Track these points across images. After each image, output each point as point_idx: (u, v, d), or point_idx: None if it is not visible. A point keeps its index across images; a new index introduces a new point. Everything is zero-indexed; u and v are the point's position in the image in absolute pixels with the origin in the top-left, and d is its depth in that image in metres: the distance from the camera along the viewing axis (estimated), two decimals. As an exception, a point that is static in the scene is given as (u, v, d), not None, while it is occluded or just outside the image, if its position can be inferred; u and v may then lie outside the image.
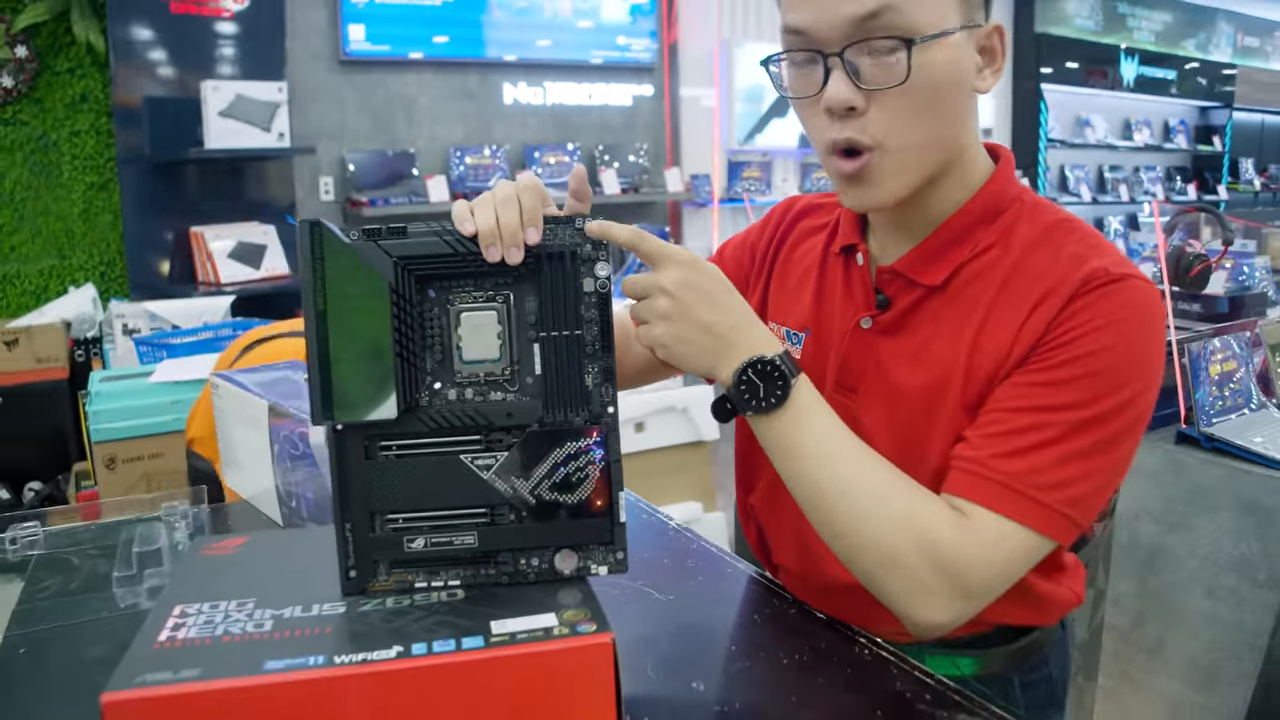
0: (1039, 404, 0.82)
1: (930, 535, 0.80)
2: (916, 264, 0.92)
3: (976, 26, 0.86)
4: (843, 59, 0.82)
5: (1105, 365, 0.81)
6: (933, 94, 0.84)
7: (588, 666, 0.66)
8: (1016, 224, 0.91)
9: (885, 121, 0.84)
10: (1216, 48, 8.91)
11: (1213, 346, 2.14)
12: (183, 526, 1.18)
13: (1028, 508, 0.80)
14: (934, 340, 0.91)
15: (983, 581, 0.80)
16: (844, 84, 0.83)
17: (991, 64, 0.89)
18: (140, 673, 0.63)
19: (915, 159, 0.86)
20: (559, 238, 0.76)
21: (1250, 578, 1.92)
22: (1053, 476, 0.80)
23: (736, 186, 5.88)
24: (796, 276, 1.06)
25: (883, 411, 0.93)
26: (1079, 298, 0.83)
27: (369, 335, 0.72)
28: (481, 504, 0.74)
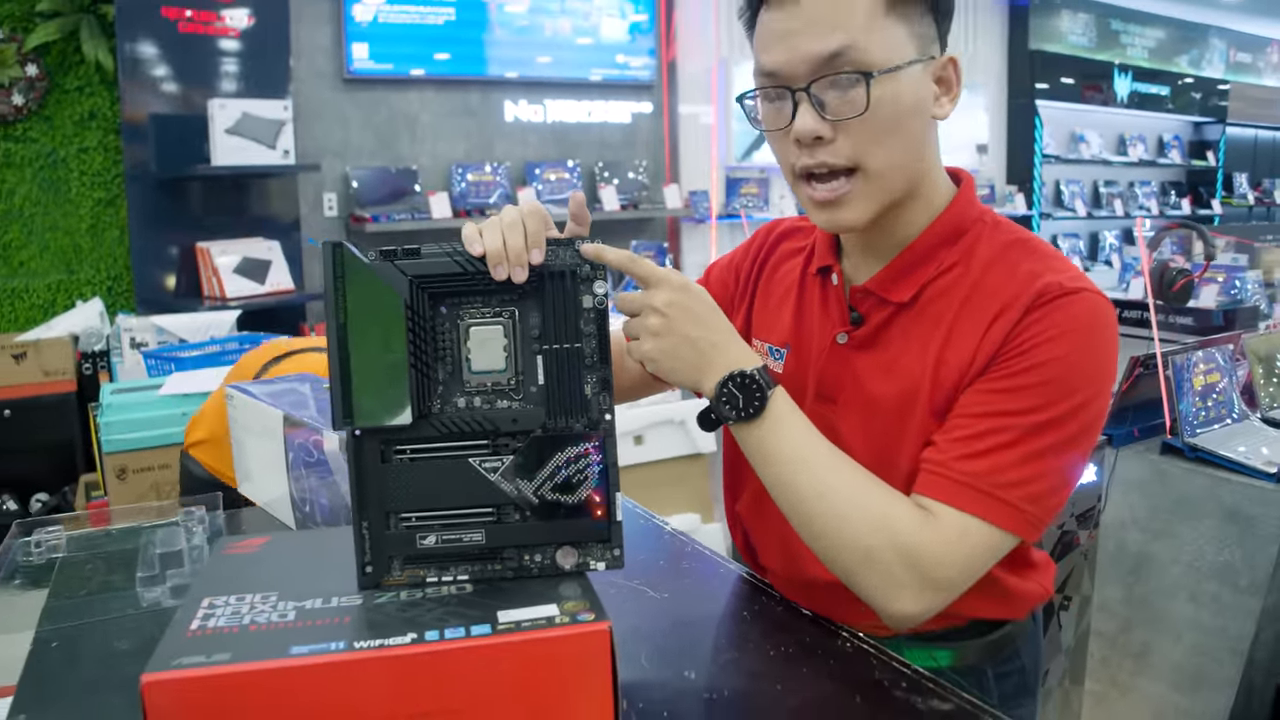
0: (998, 409, 0.89)
1: (900, 533, 0.87)
2: (886, 283, 0.99)
3: (930, 59, 0.94)
4: (809, 93, 0.90)
5: (1059, 373, 0.88)
6: (893, 122, 0.91)
7: (587, 652, 0.72)
8: (977, 244, 0.98)
9: (852, 147, 0.91)
10: (1209, 64, 9.00)
11: (1196, 359, 2.20)
12: (200, 531, 1.24)
13: (988, 504, 0.87)
14: (903, 354, 0.98)
15: (949, 575, 0.87)
16: (810, 116, 0.90)
17: (948, 93, 0.97)
18: (175, 656, 0.69)
19: (882, 182, 0.93)
20: (560, 258, 0.82)
21: (1232, 584, 1.97)
22: (1012, 475, 0.87)
23: (734, 203, 5.95)
24: (778, 296, 1.13)
25: (858, 421, 1.00)
26: (1034, 310, 0.90)
27: (386, 347, 0.78)
28: (489, 504, 0.80)
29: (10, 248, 4.13)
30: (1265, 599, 1.92)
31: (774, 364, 1.10)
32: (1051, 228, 7.81)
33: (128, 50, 3.97)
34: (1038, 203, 7.48)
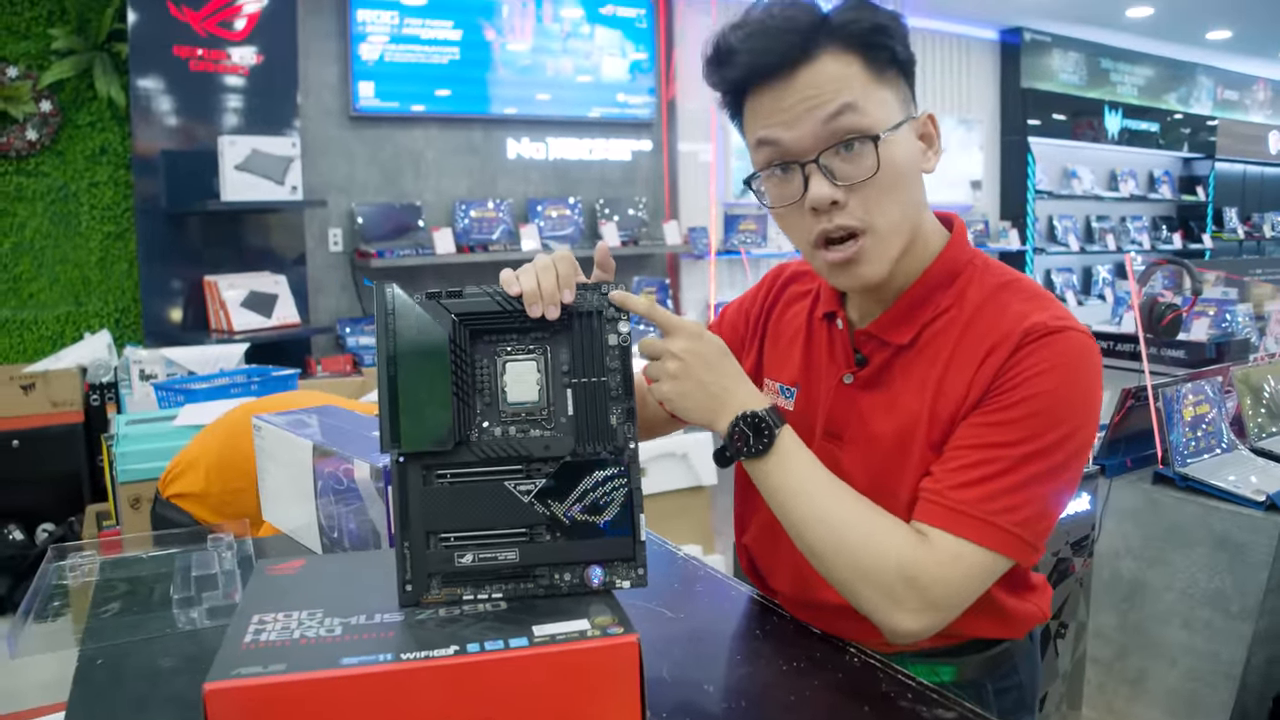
0: (990, 441, 0.95)
1: (897, 554, 0.93)
2: (887, 326, 1.06)
3: (914, 118, 1.02)
4: (819, 164, 0.97)
5: (1046, 405, 0.95)
6: (897, 179, 0.98)
7: (617, 663, 0.77)
8: (969, 286, 1.05)
9: (865, 209, 0.98)
10: (1197, 101, 9.16)
11: (1185, 391, 2.26)
12: (230, 556, 1.29)
13: (981, 529, 0.93)
14: (903, 392, 1.05)
15: (945, 594, 0.93)
16: (825, 184, 0.97)
17: (931, 147, 1.04)
18: (234, 667, 0.74)
19: (895, 238, 1.00)
20: (588, 301, 0.90)
21: (1224, 610, 2.03)
22: (1003, 502, 0.93)
23: (733, 239, 6.04)
24: (787, 337, 1.20)
25: (861, 456, 1.07)
26: (1022, 348, 0.97)
27: (431, 379, 0.84)
28: (522, 524, 0.86)
29: (20, 280, 4.19)
30: (1256, 624, 1.97)
31: (785, 402, 1.17)
32: (1045, 262, 7.91)
33: (140, 87, 4.05)
34: (1031, 238, 7.58)
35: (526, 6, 5.22)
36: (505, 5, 5.16)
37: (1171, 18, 7.23)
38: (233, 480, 1.69)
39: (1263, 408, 2.46)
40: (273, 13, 4.30)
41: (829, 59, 0.96)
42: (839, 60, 0.96)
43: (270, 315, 4.19)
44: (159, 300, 4.23)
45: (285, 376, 2.77)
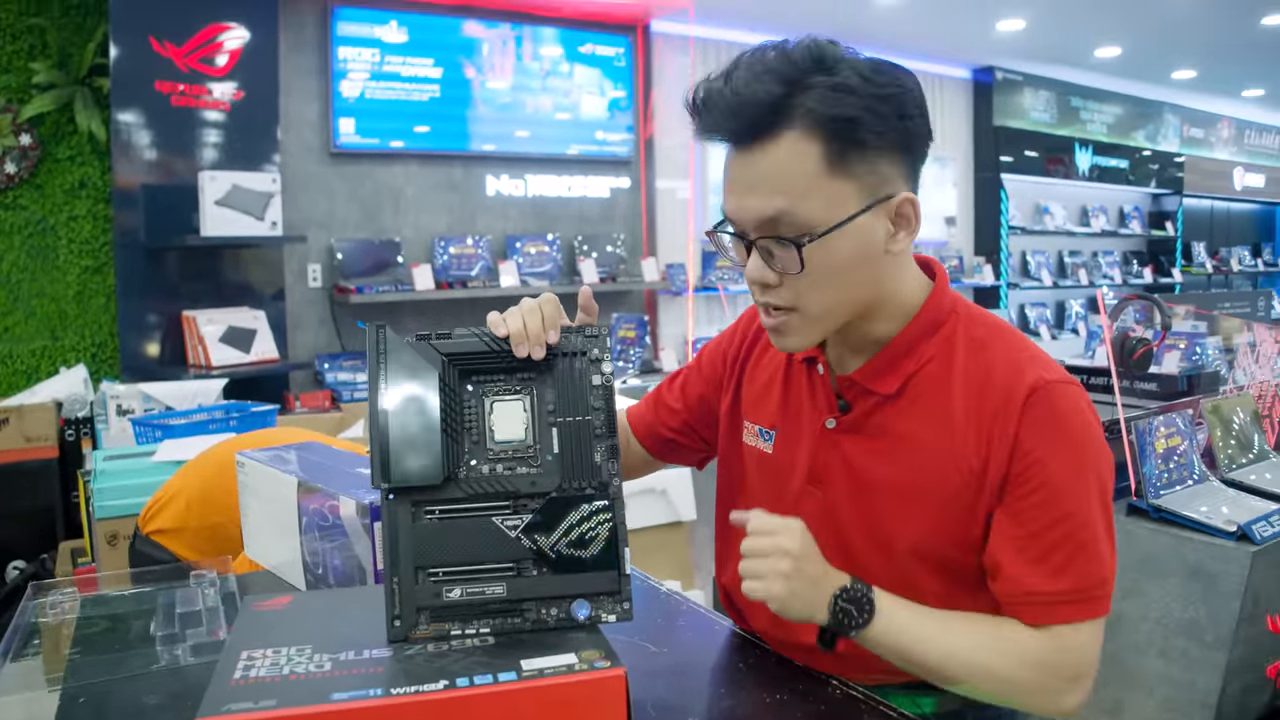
0: (1047, 523, 0.99)
1: (1026, 655, 0.99)
2: (871, 376, 1.08)
3: (886, 199, 0.98)
4: (757, 245, 0.99)
5: (1075, 466, 1.00)
6: (830, 274, 0.98)
7: (605, 695, 0.78)
8: (954, 335, 1.07)
9: (793, 295, 1.01)
10: (1165, 138, 9.35)
11: (1157, 423, 2.30)
12: (213, 592, 1.29)
13: (1084, 608, 1.00)
14: (895, 443, 1.06)
15: (1083, 668, 1.01)
16: (758, 265, 1.00)
17: (905, 228, 1.01)
18: (225, 703, 0.75)
19: (822, 321, 1.03)
20: (572, 343, 0.94)
21: (1199, 639, 2.05)
22: (1089, 578, 0.99)
23: (710, 275, 6.08)
24: (764, 379, 1.21)
25: (849, 502, 1.09)
26: (1029, 408, 1.00)
27: (421, 417, 0.86)
28: (510, 559, 0.87)
29: (-4, 314, 4.16)
30: (1230, 653, 1.99)
31: (763, 445, 1.18)
32: (1019, 297, 8.01)
33: (120, 122, 4.06)
34: (1005, 273, 7.68)
35: (506, 45, 5.28)
36: (485, 43, 5.21)
37: (1139, 58, 7.40)
38: (212, 515, 1.69)
39: (1233, 439, 2.51)
40: (254, 49, 4.33)
41: (789, 141, 0.94)
42: (798, 144, 0.94)
43: (249, 351, 4.18)
44: (137, 335, 4.21)
45: (264, 412, 2.76)
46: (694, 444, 1.33)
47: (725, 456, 1.27)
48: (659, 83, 5.83)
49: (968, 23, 6.24)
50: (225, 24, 4.24)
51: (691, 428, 1.31)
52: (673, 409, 1.33)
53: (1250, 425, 2.59)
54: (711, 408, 1.29)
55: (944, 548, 1.04)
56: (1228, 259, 9.98)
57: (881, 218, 0.99)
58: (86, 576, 2.42)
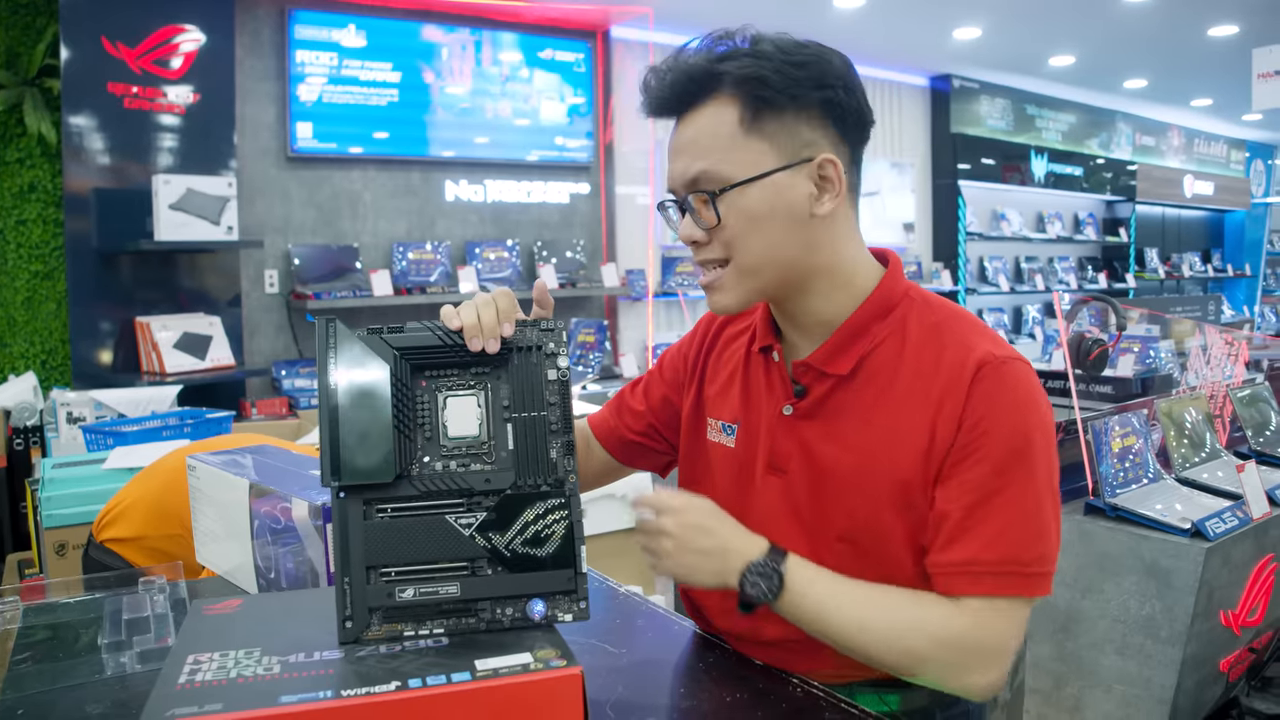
0: (985, 494, 0.99)
1: (942, 634, 0.97)
2: (825, 358, 1.08)
3: (804, 162, 1.03)
4: (687, 205, 1.05)
5: (1020, 443, 0.99)
6: (749, 225, 1.03)
7: (561, 695, 0.77)
8: (908, 318, 1.08)
9: (722, 248, 1.05)
10: (1118, 146, 9.51)
11: (1113, 423, 2.32)
12: (162, 599, 1.25)
13: (1012, 583, 0.98)
14: (850, 424, 1.06)
15: (998, 647, 0.98)
16: (688, 223, 1.06)
17: (829, 190, 1.05)
18: (168, 708, 0.72)
19: (751, 276, 1.05)
20: (527, 336, 0.92)
21: (1155, 635, 2.07)
22: (1022, 554, 0.98)
23: (670, 281, 6.08)
24: (725, 376, 1.22)
25: (807, 488, 1.09)
26: (976, 386, 1.00)
27: (372, 413, 0.84)
28: (464, 558, 0.86)
29: (-60, 322, 4.06)
30: (1185, 649, 2.02)
31: (726, 440, 1.18)
32: (977, 302, 8.10)
33: (72, 124, 3.98)
34: (963, 278, 7.76)
35: (466, 50, 5.26)
36: (444, 48, 5.18)
37: (1092, 67, 7.53)
38: (169, 526, 1.65)
39: (1186, 439, 2.54)
40: (210, 52, 4.27)
41: (711, 108, 1.03)
42: (720, 108, 1.03)
43: (204, 357, 4.11)
44: (88, 341, 4.13)
45: (219, 419, 2.72)
46: (658, 446, 1.32)
47: (687, 455, 1.26)
48: (619, 89, 5.83)
49: (925, 31, 6.31)
50: (180, 26, 4.18)
51: (655, 430, 1.31)
52: (636, 411, 1.32)
53: (1203, 425, 2.63)
54: (675, 409, 1.29)
55: (893, 531, 1.04)
56: (1179, 265, 10.17)
57: (802, 178, 1.04)
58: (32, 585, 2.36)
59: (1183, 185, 10.15)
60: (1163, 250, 10.10)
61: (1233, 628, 2.17)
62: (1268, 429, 2.79)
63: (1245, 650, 2.23)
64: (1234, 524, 2.15)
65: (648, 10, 5.43)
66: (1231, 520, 2.16)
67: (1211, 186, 10.56)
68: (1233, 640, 2.18)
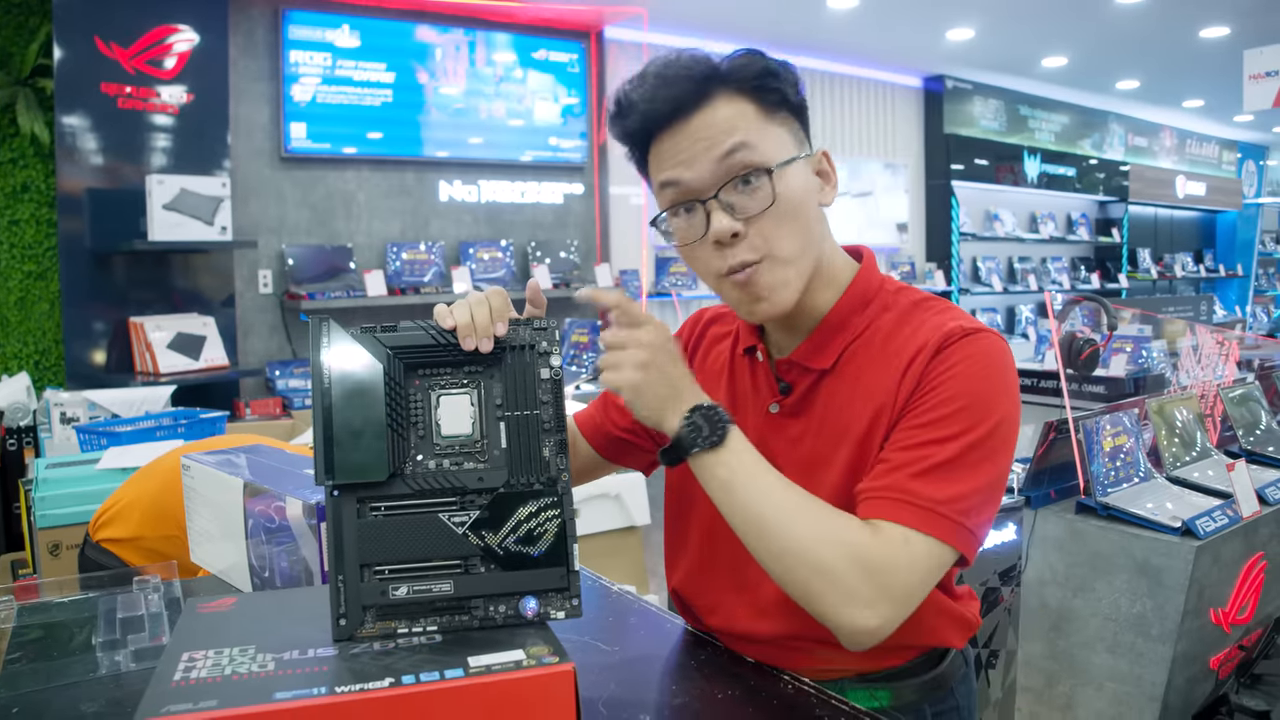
0: (924, 440, 0.98)
1: (850, 544, 0.93)
2: (809, 354, 1.09)
3: (809, 155, 1.07)
4: (718, 199, 1.01)
5: (972, 401, 0.98)
6: (794, 209, 1.02)
7: (553, 692, 0.77)
8: (885, 307, 1.10)
9: (763, 239, 1.02)
10: (1110, 146, 9.55)
11: (1104, 423, 2.34)
12: (157, 598, 1.26)
13: (926, 518, 0.95)
14: (830, 413, 1.07)
15: (898, 583, 0.93)
16: (725, 218, 1.01)
17: (827, 182, 1.09)
18: (164, 704, 0.73)
19: (795, 267, 1.04)
20: (520, 335, 0.92)
21: (1146, 633, 2.08)
22: (945, 492, 0.96)
23: (664, 281, 6.10)
24: (711, 378, 1.22)
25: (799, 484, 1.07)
26: (941, 351, 1.01)
27: (365, 411, 0.84)
28: (457, 556, 0.86)
29: (-67, 322, 4.06)
30: (1176, 646, 2.03)
31: None
32: (970, 302, 8.12)
33: (65, 124, 3.98)
34: (956, 278, 7.78)
35: (460, 50, 5.26)
36: (438, 48, 5.19)
37: (1084, 68, 7.55)
38: (166, 527, 1.65)
39: (1176, 438, 2.56)
40: (204, 52, 4.27)
41: (722, 103, 1.02)
42: (731, 103, 1.02)
43: (198, 357, 4.11)
44: (82, 342, 4.12)
45: (213, 419, 2.72)
46: (644, 443, 1.32)
47: None
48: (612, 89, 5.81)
49: (918, 32, 6.33)
50: (174, 26, 4.18)
51: (642, 427, 1.31)
52: (622, 408, 1.32)
53: (1193, 424, 2.64)
54: None
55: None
56: (1171, 265, 10.21)
57: (810, 170, 1.07)
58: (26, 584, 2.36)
59: (1175, 186, 10.19)
60: (1155, 250, 10.13)
61: (1223, 625, 2.18)
62: (1258, 428, 2.80)
63: (1235, 648, 2.25)
64: (1224, 523, 2.16)
65: (641, 11, 5.44)
66: (1222, 519, 2.17)
67: (1203, 187, 10.61)
68: (1223, 638, 2.20)
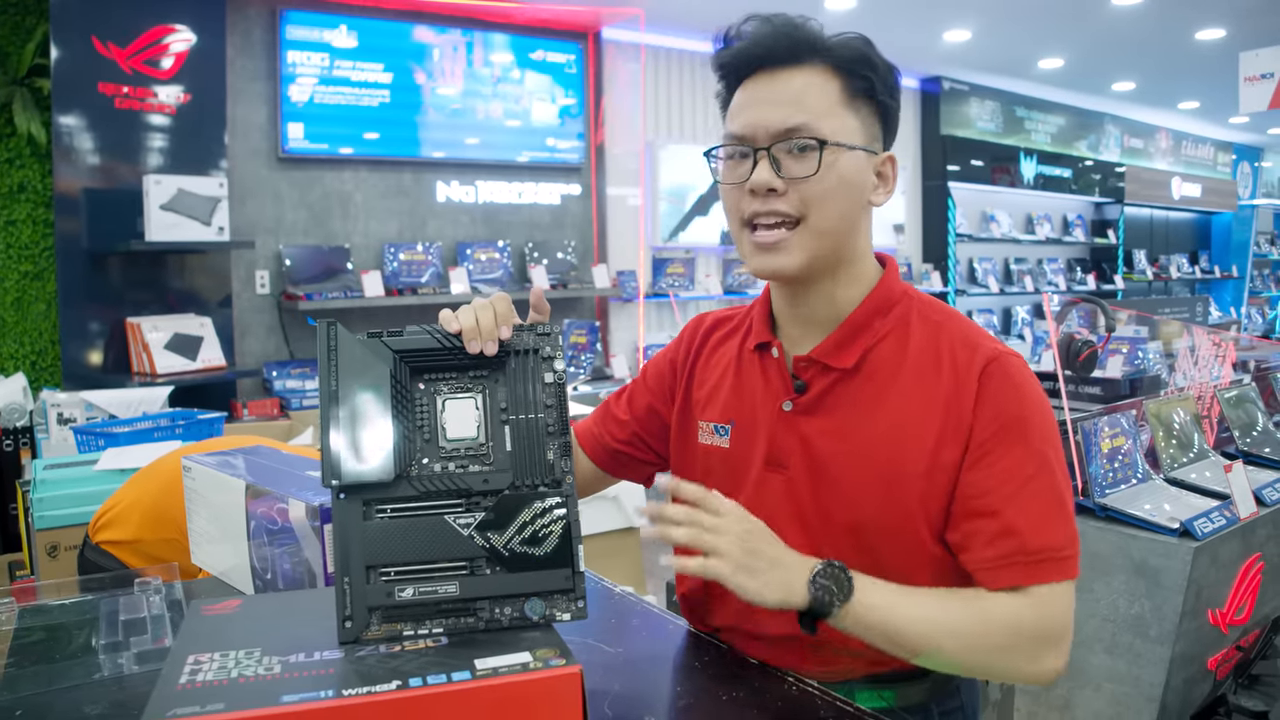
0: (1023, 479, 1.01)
1: (1016, 626, 0.99)
2: (830, 351, 1.10)
3: (874, 152, 1.09)
4: (769, 153, 1.05)
5: (1038, 426, 1.03)
6: (835, 187, 1.05)
7: (560, 693, 0.77)
8: (910, 316, 1.11)
9: (801, 201, 1.05)
10: (1106, 148, 9.56)
11: (1102, 424, 2.34)
12: (158, 600, 1.25)
13: (1058, 568, 1.00)
14: (853, 418, 1.07)
15: (1062, 630, 1.01)
16: (767, 171, 1.05)
17: (884, 185, 1.12)
18: (169, 708, 0.73)
19: (820, 238, 1.06)
20: (524, 341, 0.93)
21: (1144, 634, 2.09)
22: (1058, 536, 1.01)
23: (661, 282, 6.09)
24: (715, 377, 1.22)
25: (812, 484, 1.09)
26: (985, 384, 1.04)
27: (372, 414, 0.85)
28: (463, 557, 0.86)
29: (-71, 322, 4.05)
30: (1174, 648, 2.03)
31: (720, 441, 1.18)
32: (966, 303, 8.13)
33: (62, 124, 3.97)
34: (953, 280, 7.79)
35: (457, 50, 5.26)
36: (436, 49, 5.18)
37: (1080, 69, 7.56)
38: (166, 530, 1.65)
39: (1174, 439, 2.56)
40: (201, 52, 4.26)
41: (812, 70, 1.05)
42: (822, 75, 1.05)
43: (195, 358, 4.11)
44: (79, 342, 4.11)
45: (211, 420, 2.71)
46: (644, 455, 1.31)
47: (678, 462, 1.26)
48: (609, 90, 5.83)
49: (915, 33, 6.33)
50: (171, 26, 4.17)
51: (640, 439, 1.30)
52: (620, 420, 1.31)
53: (1190, 426, 2.65)
54: (661, 418, 1.28)
55: (899, 524, 1.04)
56: (1167, 266, 10.23)
57: (870, 167, 1.09)
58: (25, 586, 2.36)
59: (1170, 187, 10.20)
60: (1150, 252, 10.15)
61: (1220, 626, 2.18)
62: (1254, 429, 2.81)
63: (1233, 649, 2.25)
64: (1222, 524, 2.16)
65: (639, 11, 5.44)
66: (1219, 520, 2.17)
67: (1199, 188, 10.63)
68: (1220, 639, 2.20)
